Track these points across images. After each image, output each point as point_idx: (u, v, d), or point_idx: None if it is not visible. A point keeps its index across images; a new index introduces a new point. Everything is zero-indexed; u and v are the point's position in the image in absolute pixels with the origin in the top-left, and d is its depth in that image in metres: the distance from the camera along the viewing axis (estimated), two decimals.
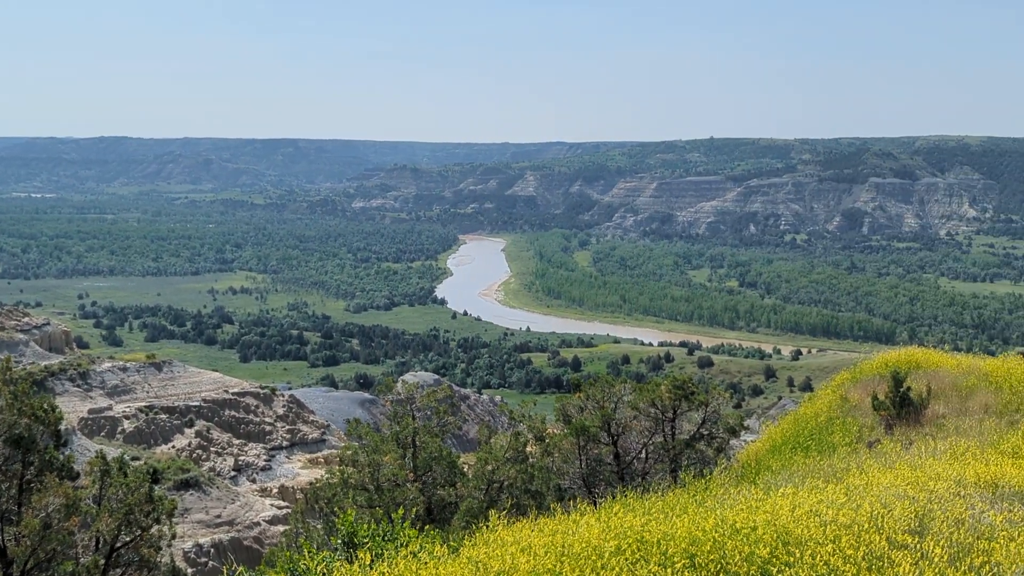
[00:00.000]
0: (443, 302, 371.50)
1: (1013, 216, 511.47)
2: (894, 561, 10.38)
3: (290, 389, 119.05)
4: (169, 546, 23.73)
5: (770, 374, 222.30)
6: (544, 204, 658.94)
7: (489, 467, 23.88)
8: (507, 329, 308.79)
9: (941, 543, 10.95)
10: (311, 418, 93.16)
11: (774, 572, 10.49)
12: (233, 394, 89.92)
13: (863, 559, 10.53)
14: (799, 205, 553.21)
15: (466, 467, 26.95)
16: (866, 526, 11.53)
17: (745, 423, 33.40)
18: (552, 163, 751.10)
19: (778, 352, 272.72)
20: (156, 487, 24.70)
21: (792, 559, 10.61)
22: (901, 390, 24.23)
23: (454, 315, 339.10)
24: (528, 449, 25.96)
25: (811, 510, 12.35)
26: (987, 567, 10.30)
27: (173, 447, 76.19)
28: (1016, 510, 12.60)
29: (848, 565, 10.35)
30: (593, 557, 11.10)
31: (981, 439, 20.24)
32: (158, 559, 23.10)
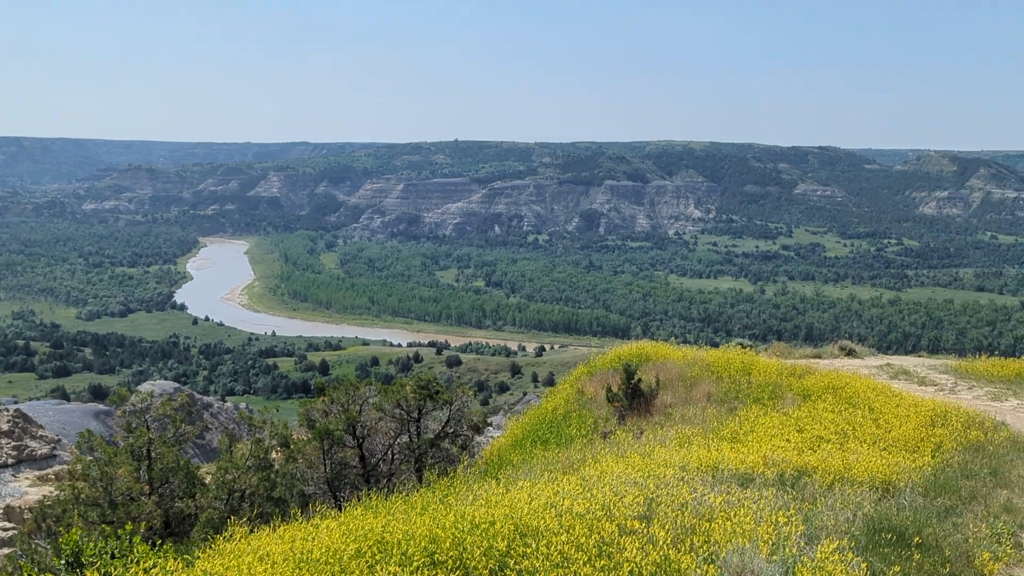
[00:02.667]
0: (183, 307, 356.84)
1: (733, 216, 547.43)
2: (623, 546, 10.84)
3: (16, 403, 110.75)
4: None
5: (516, 371, 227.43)
6: (289, 205, 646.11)
7: (230, 476, 23.11)
8: (252, 334, 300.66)
9: (666, 526, 11.54)
10: (40, 433, 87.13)
11: (511, 564, 10.72)
12: None
13: (594, 546, 10.94)
14: (540, 206, 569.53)
15: (208, 477, 26.00)
16: (599, 514, 11.98)
17: (489, 420, 34.03)
18: (296, 163, 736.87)
19: (523, 349, 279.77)
20: None
21: (528, 550, 10.87)
22: (632, 382, 25.40)
23: (195, 321, 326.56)
24: (272, 456, 25.34)
25: (548, 501, 12.72)
26: (706, 546, 10.93)
27: None
28: (734, 491, 13.46)
29: (580, 553, 10.72)
30: (332, 562, 10.98)
31: (704, 426, 21.54)
32: None
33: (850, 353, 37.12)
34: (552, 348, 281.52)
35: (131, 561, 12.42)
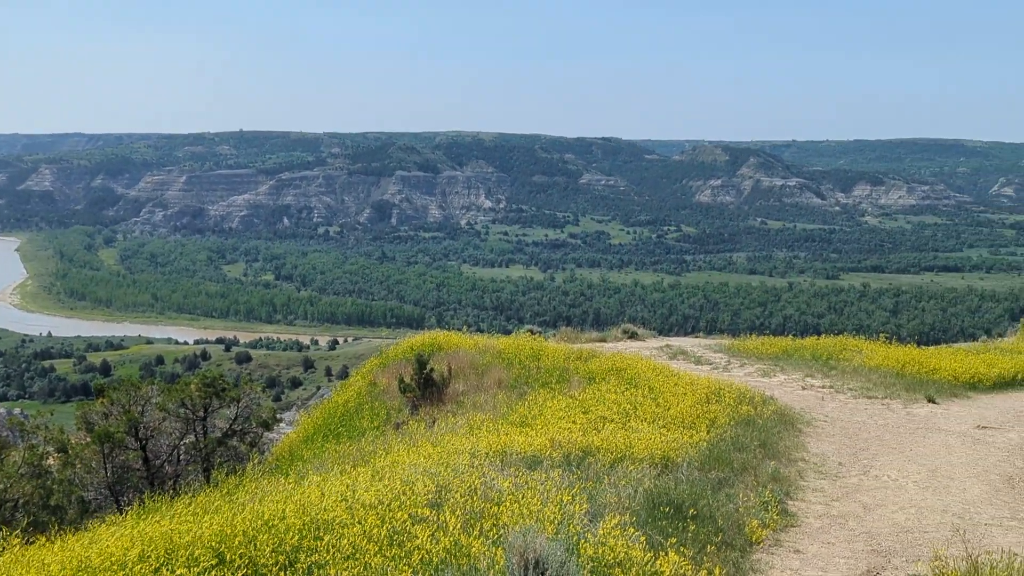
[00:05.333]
0: None
1: (523, 206, 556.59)
2: (414, 534, 10.96)
3: None
4: None
5: (309, 365, 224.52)
6: (63, 199, 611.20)
7: (1, 486, 21.85)
8: (25, 335, 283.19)
9: (457, 512, 11.72)
10: None
11: (302, 559, 10.66)
12: None
13: (386, 536, 11.01)
14: (331, 198, 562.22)
15: None
16: (391, 504, 12.05)
17: (281, 415, 33.52)
18: (70, 155, 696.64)
19: (316, 343, 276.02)
20: None
21: (320, 544, 10.84)
22: (425, 372, 25.61)
23: None
24: (47, 462, 24.11)
25: (339, 494, 12.69)
26: (495, 529, 11.19)
27: None
28: (522, 475, 13.80)
29: (371, 543, 10.78)
30: (115, 568, 10.60)
31: (495, 412, 21.96)
32: None
33: (633, 336, 38.57)
34: (346, 341, 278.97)
35: None
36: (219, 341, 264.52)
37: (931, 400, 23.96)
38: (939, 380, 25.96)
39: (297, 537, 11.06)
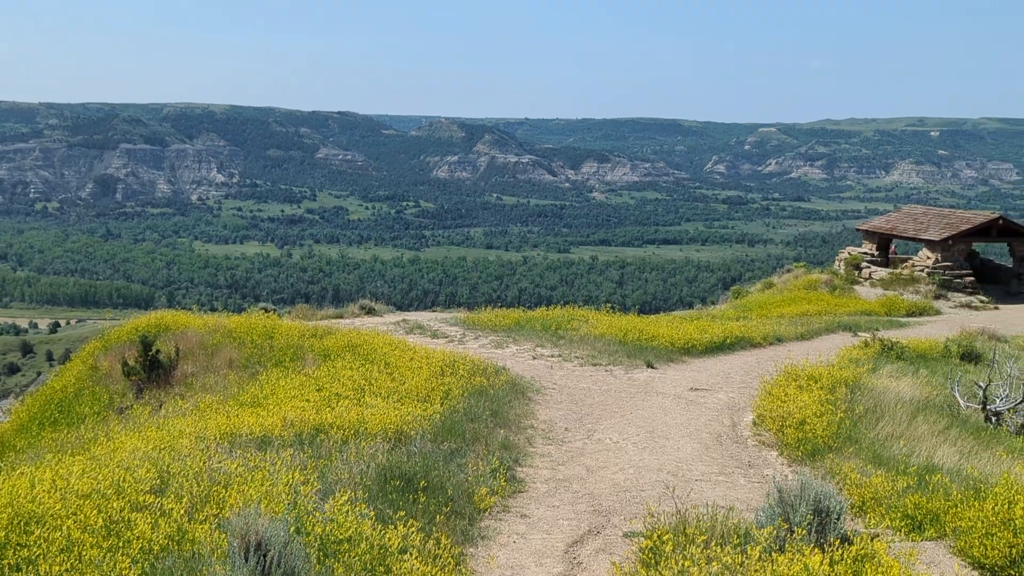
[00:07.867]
0: None
1: (257, 181, 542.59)
2: (133, 523, 10.49)
3: None
4: None
5: (27, 350, 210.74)
6: None
7: None
8: None
9: (182, 498, 11.32)
10: None
11: (10, 555, 9.99)
12: None
13: (103, 526, 10.48)
14: (49, 172, 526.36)
15: None
16: (108, 493, 11.48)
17: None
18: None
19: (35, 326, 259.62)
20: None
21: (30, 539, 10.20)
22: (150, 353, 24.52)
23: None
24: None
25: (52, 485, 11.97)
26: (222, 513, 10.90)
27: None
28: (252, 456, 13.49)
29: (88, 535, 10.22)
30: None
31: (225, 393, 21.32)
32: None
33: (370, 311, 38.52)
34: (69, 323, 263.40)
35: None
36: None
37: (650, 365, 25.34)
38: (658, 346, 27.48)
39: (3, 532, 10.35)
